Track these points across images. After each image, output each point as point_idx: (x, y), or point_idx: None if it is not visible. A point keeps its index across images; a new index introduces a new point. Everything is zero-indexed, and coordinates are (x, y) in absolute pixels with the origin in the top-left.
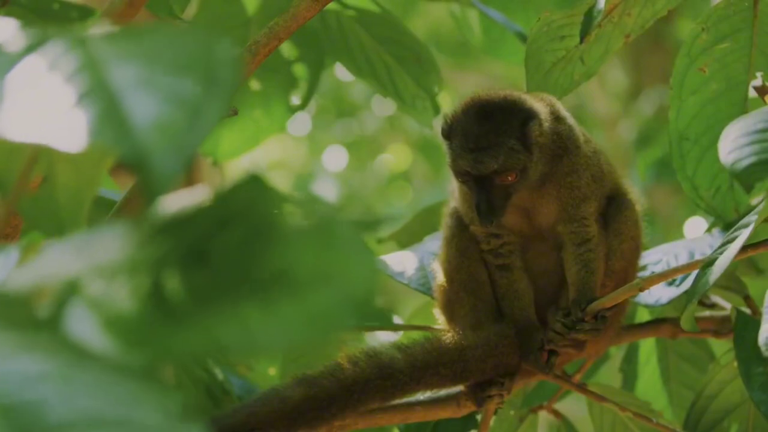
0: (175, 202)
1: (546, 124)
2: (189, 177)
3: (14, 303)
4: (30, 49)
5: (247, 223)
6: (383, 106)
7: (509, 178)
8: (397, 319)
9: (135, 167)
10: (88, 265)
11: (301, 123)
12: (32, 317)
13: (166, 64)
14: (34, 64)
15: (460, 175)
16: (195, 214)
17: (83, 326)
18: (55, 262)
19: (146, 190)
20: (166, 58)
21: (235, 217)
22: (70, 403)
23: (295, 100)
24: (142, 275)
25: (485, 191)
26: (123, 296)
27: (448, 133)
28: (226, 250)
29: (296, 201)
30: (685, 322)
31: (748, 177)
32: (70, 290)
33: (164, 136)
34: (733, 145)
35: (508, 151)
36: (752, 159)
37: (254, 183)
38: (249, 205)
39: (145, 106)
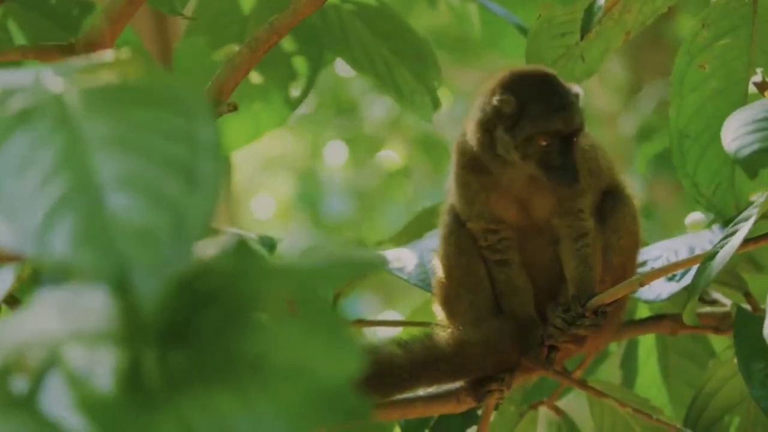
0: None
1: None
2: None
3: None
4: (16, 124)
5: (229, 301)
6: (382, 103)
7: (578, 138)
8: (396, 316)
9: (114, 286)
10: (71, 331)
11: (300, 119)
12: (9, 393)
13: (148, 154)
14: (18, 149)
15: (548, 136)
16: (180, 284)
17: (60, 405)
18: (37, 322)
19: (127, 313)
20: (148, 144)
21: (219, 292)
22: None
23: (295, 93)
24: (122, 349)
25: (568, 151)
26: (102, 373)
27: (517, 105)
28: (206, 331)
29: (281, 272)
30: (687, 316)
31: (753, 163)
32: (50, 361)
33: (147, 248)
34: (736, 133)
35: (580, 110)
36: (756, 146)
37: (241, 251)
38: (233, 278)
39: (127, 210)
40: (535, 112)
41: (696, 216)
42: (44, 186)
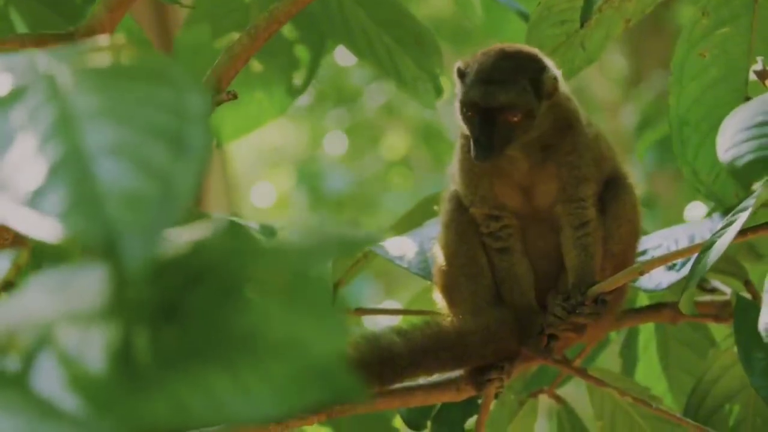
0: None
1: (558, 83)
2: None
3: None
4: (9, 100)
5: (220, 279)
6: (382, 92)
7: (514, 118)
8: (396, 304)
9: (103, 250)
10: (63, 312)
11: (300, 108)
12: (0, 372)
13: (137, 124)
14: (10, 122)
15: (468, 107)
16: (171, 262)
17: (51, 383)
18: (30, 303)
19: (114, 275)
20: (138, 115)
21: (209, 270)
22: None
23: (297, 82)
24: (114, 328)
25: (488, 126)
26: (94, 352)
27: (462, 71)
28: (197, 309)
29: (272, 252)
30: (683, 305)
31: (747, 175)
32: (41, 341)
33: (134, 213)
34: (731, 141)
35: (520, 90)
36: (751, 156)
37: (232, 232)
38: (224, 258)
39: (116, 177)
40: (467, 81)
41: (695, 209)
42: (35, 156)
